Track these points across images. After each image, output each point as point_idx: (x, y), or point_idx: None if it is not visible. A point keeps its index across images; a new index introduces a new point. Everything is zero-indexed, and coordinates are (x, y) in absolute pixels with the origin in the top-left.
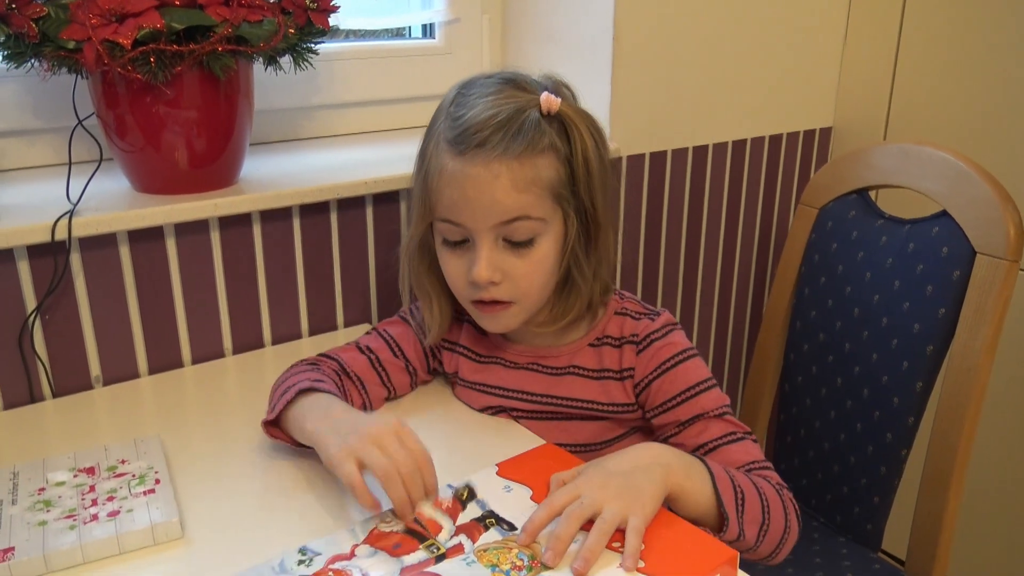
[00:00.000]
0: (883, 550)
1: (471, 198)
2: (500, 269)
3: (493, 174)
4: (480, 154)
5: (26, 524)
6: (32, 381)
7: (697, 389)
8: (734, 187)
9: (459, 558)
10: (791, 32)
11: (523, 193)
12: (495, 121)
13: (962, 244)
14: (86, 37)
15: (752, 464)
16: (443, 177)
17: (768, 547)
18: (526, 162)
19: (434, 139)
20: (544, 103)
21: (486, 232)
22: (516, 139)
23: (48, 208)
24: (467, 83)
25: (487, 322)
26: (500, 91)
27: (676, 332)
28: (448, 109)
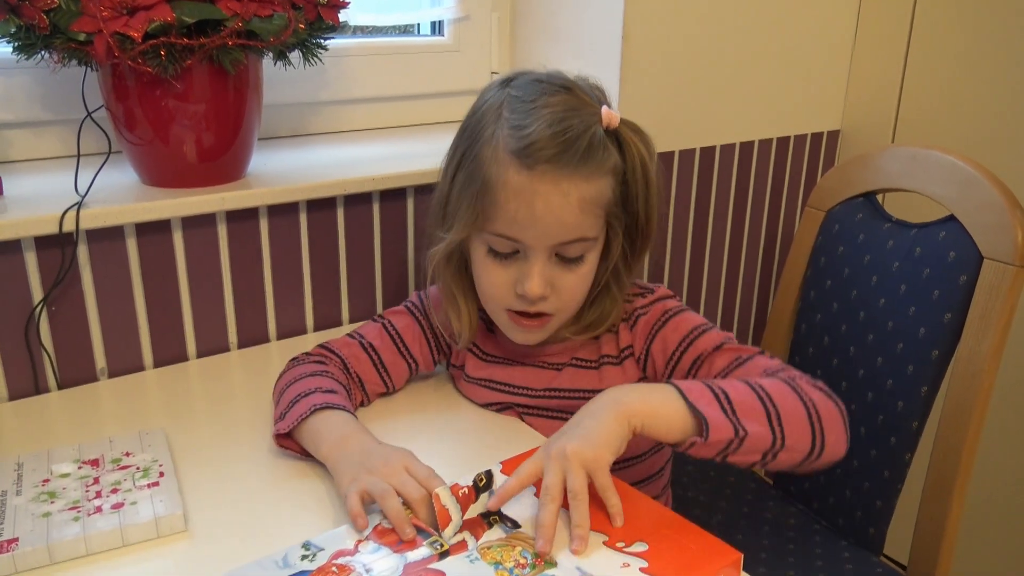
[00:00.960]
0: (885, 554)
1: (538, 216)
2: (550, 283)
3: (563, 192)
4: (551, 171)
5: (30, 515)
6: (37, 372)
7: (692, 336)
8: (741, 189)
9: (463, 555)
10: (800, 34)
11: (587, 214)
12: (565, 137)
13: (969, 249)
14: (97, 29)
15: (765, 373)
16: (507, 190)
17: (799, 438)
18: (593, 183)
19: (488, 146)
20: (606, 118)
21: (543, 249)
22: (586, 160)
23: (56, 200)
24: (516, 84)
25: (521, 335)
26: (561, 100)
27: (665, 300)
28: (504, 115)
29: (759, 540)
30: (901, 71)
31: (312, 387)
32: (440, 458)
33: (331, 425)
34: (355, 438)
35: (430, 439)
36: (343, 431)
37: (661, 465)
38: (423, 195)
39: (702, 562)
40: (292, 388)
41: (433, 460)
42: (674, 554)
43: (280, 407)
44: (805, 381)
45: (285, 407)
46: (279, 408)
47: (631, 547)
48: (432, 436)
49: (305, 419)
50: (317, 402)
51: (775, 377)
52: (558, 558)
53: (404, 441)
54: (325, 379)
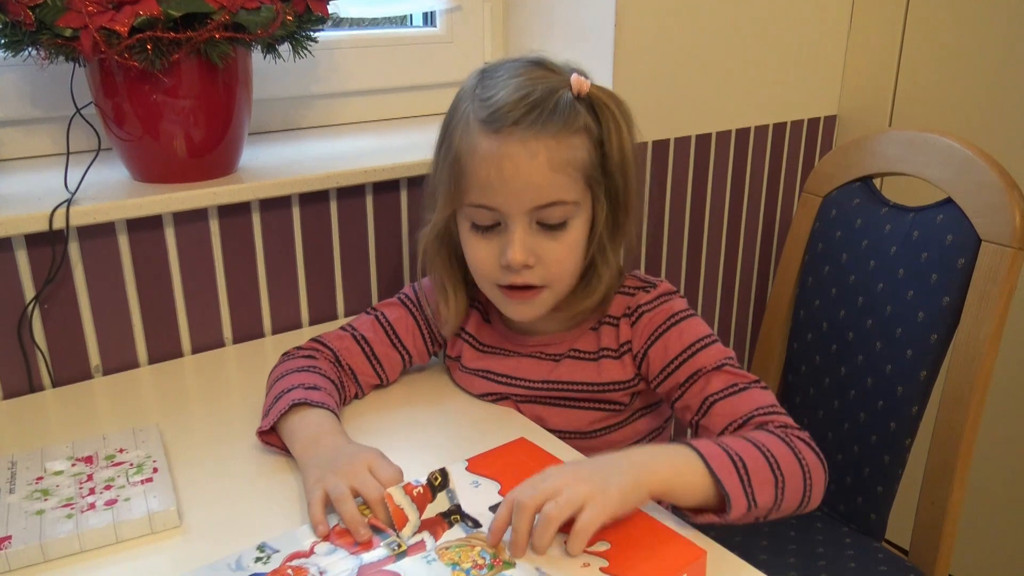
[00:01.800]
0: (887, 540)
1: (508, 178)
2: (534, 252)
3: (531, 152)
4: (516, 131)
5: (23, 513)
6: (31, 370)
7: (694, 348)
8: (738, 175)
9: (420, 556)
10: (795, 19)
11: (559, 174)
12: (530, 99)
13: (967, 232)
14: (83, 25)
15: (756, 411)
16: (476, 157)
17: (792, 501)
18: (562, 141)
19: (461, 123)
20: (575, 84)
21: (520, 215)
22: (552, 117)
23: (46, 197)
24: (489, 67)
25: (515, 309)
26: (529, 72)
27: (672, 300)
28: (474, 92)
29: (760, 527)
30: (897, 55)
31: (295, 383)
32: (434, 449)
33: (306, 424)
34: (327, 438)
35: (425, 430)
36: (316, 431)
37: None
38: (416, 187)
39: (665, 561)
40: (278, 384)
41: (426, 451)
42: (636, 553)
43: (266, 404)
44: (797, 438)
45: (269, 403)
46: (265, 404)
47: (592, 546)
48: (426, 427)
49: (284, 415)
50: (296, 398)
51: (775, 436)
52: (516, 559)
53: (397, 432)
54: (310, 375)
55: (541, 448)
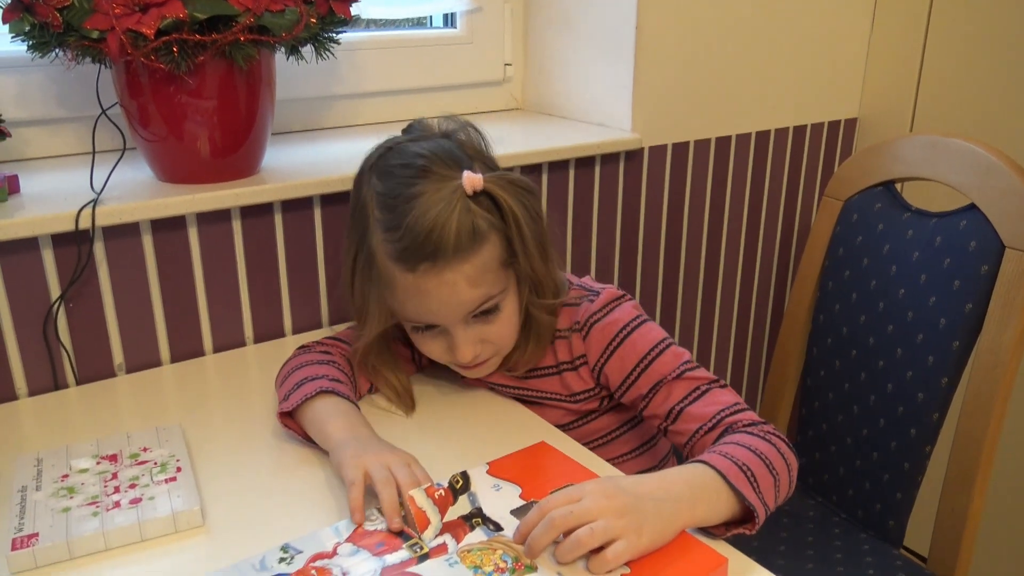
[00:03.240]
0: (905, 547)
1: (435, 309)
2: (479, 341)
3: (449, 284)
4: (432, 268)
5: (50, 510)
6: (56, 368)
7: (649, 357)
8: (757, 179)
9: (442, 558)
10: (817, 21)
11: (479, 286)
12: (435, 233)
13: (990, 238)
14: (110, 27)
15: (723, 411)
16: (399, 293)
17: (783, 496)
18: (474, 258)
19: (373, 241)
20: (468, 184)
21: (457, 322)
22: (460, 243)
23: (72, 197)
24: (379, 170)
25: (469, 374)
26: (423, 188)
27: (618, 308)
28: (376, 215)
29: (778, 532)
30: (919, 58)
31: (320, 373)
32: (455, 453)
33: (339, 411)
34: (363, 429)
35: (445, 433)
36: (352, 420)
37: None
38: None
39: (687, 568)
40: (298, 372)
41: (447, 455)
42: (658, 560)
43: (285, 388)
44: (773, 434)
45: (290, 388)
46: (283, 389)
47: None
48: (446, 430)
49: (310, 400)
50: (325, 387)
51: (755, 436)
52: (538, 562)
53: (417, 436)
54: (332, 368)
55: (562, 452)
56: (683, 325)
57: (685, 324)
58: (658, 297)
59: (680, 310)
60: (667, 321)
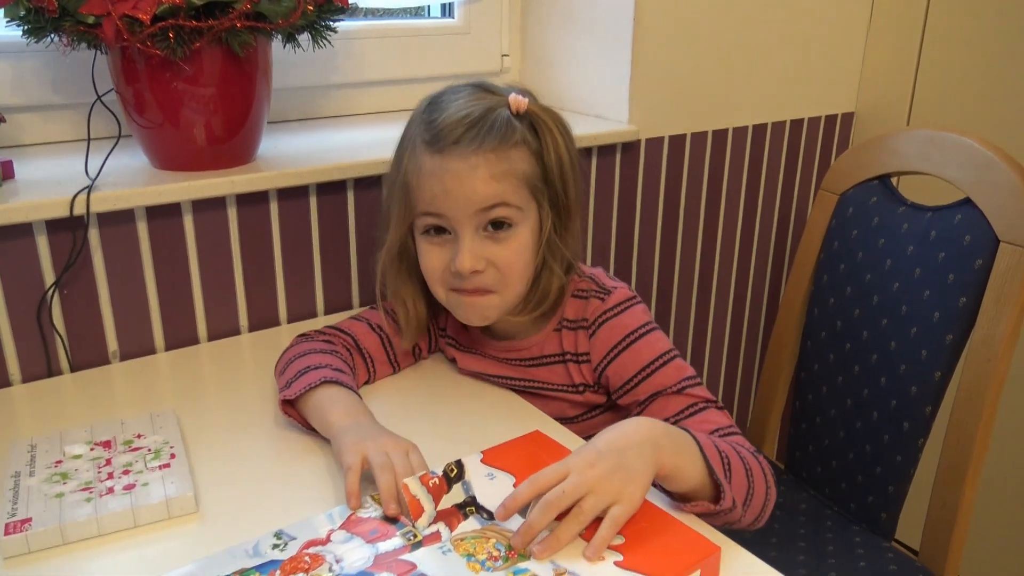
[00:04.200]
0: (897, 540)
1: (451, 189)
2: (483, 257)
3: (471, 166)
4: (457, 150)
5: (43, 496)
6: (50, 355)
7: (652, 367)
8: (754, 172)
9: (435, 546)
10: (815, 15)
11: (500, 182)
12: (468, 119)
13: (985, 232)
14: (105, 12)
15: (715, 432)
16: (422, 175)
17: (752, 514)
18: (501, 155)
19: (409, 147)
20: (513, 103)
21: (467, 221)
22: (490, 134)
23: (67, 183)
24: (436, 94)
25: (466, 311)
26: (470, 94)
27: (628, 311)
28: (421, 116)
29: (770, 524)
30: (917, 52)
31: (323, 362)
32: (449, 441)
33: (341, 399)
34: (365, 417)
35: (439, 422)
36: (355, 408)
37: None
38: None
39: (680, 556)
40: (300, 360)
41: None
42: (651, 548)
43: (286, 376)
44: (765, 459)
45: (292, 376)
46: (285, 377)
47: None
48: (441, 419)
49: (314, 389)
50: (328, 376)
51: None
52: (531, 550)
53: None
54: (334, 358)
55: (556, 441)
56: (678, 318)
57: (680, 317)
58: (653, 289)
59: (675, 302)
60: (662, 313)
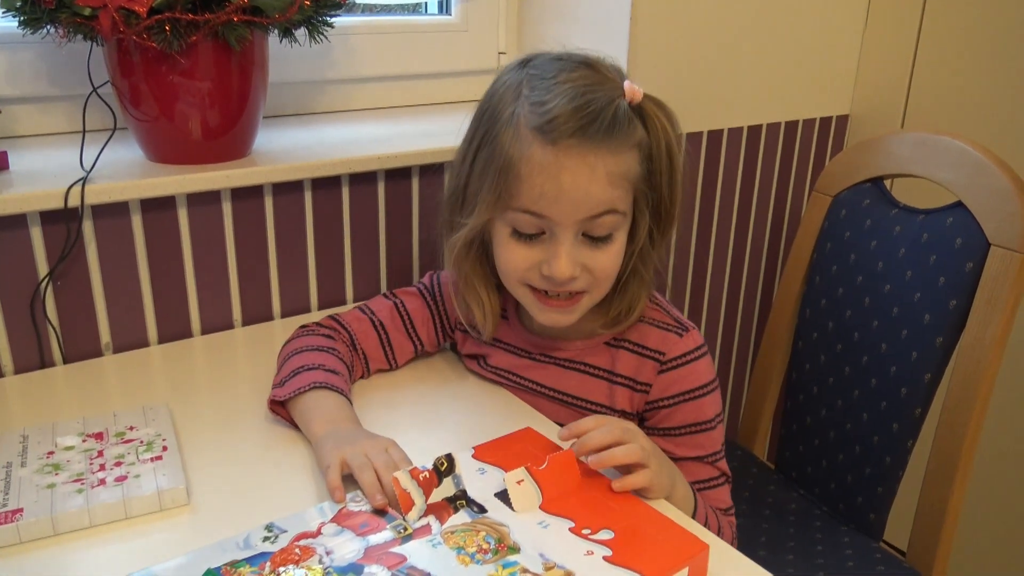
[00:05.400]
0: (885, 540)
1: (566, 190)
2: (579, 263)
3: (590, 167)
4: (576, 145)
5: (35, 486)
6: (43, 346)
7: (702, 427)
8: (748, 172)
9: (425, 539)
10: (810, 18)
11: (615, 187)
12: (588, 110)
13: (977, 236)
14: (102, 4)
15: (718, 510)
16: (531, 165)
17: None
18: (620, 156)
19: (509, 126)
20: (629, 93)
21: (570, 226)
22: (612, 132)
23: (61, 175)
24: (534, 63)
25: (550, 316)
26: (581, 76)
27: (702, 360)
28: (523, 93)
29: (759, 524)
30: (912, 56)
31: (317, 362)
32: (440, 436)
33: (326, 405)
34: (345, 424)
35: (431, 417)
36: (336, 414)
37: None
38: (428, 175)
39: (668, 553)
40: (297, 357)
41: (433, 438)
42: (640, 544)
43: (281, 373)
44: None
45: (286, 375)
46: (280, 374)
47: (596, 534)
48: (433, 414)
49: (303, 393)
50: (318, 380)
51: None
52: (521, 544)
53: (404, 419)
54: (330, 356)
55: (547, 438)
56: None
57: None
58: None
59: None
60: None
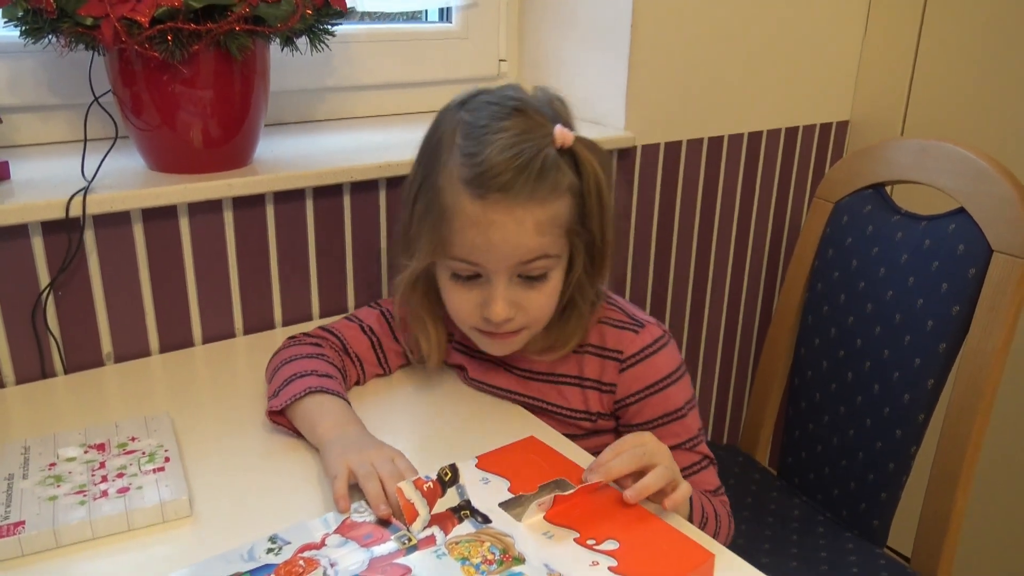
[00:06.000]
0: (889, 546)
1: (495, 244)
2: (515, 304)
3: (517, 220)
4: (503, 200)
5: (36, 499)
6: (44, 357)
7: (674, 416)
8: (748, 179)
9: (430, 550)
10: (810, 24)
11: (544, 235)
12: (516, 164)
13: (979, 242)
14: (104, 14)
15: (706, 492)
16: (462, 220)
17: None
18: (548, 205)
19: (443, 173)
20: (559, 137)
21: (503, 271)
22: (539, 184)
23: (63, 185)
24: (468, 106)
25: (493, 347)
26: (512, 125)
27: (662, 351)
28: (457, 141)
29: (763, 531)
30: (912, 62)
31: (308, 369)
32: (444, 446)
33: (327, 408)
34: (352, 426)
35: (434, 427)
36: (341, 417)
37: None
38: None
39: (673, 563)
40: (288, 367)
41: (436, 448)
42: (645, 554)
43: (274, 384)
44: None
45: (279, 384)
46: (273, 385)
47: (601, 545)
48: (435, 424)
49: (300, 399)
50: (313, 385)
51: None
52: (526, 555)
53: (407, 429)
54: (321, 362)
55: (550, 447)
56: (672, 324)
57: (674, 323)
58: (648, 295)
59: (670, 309)
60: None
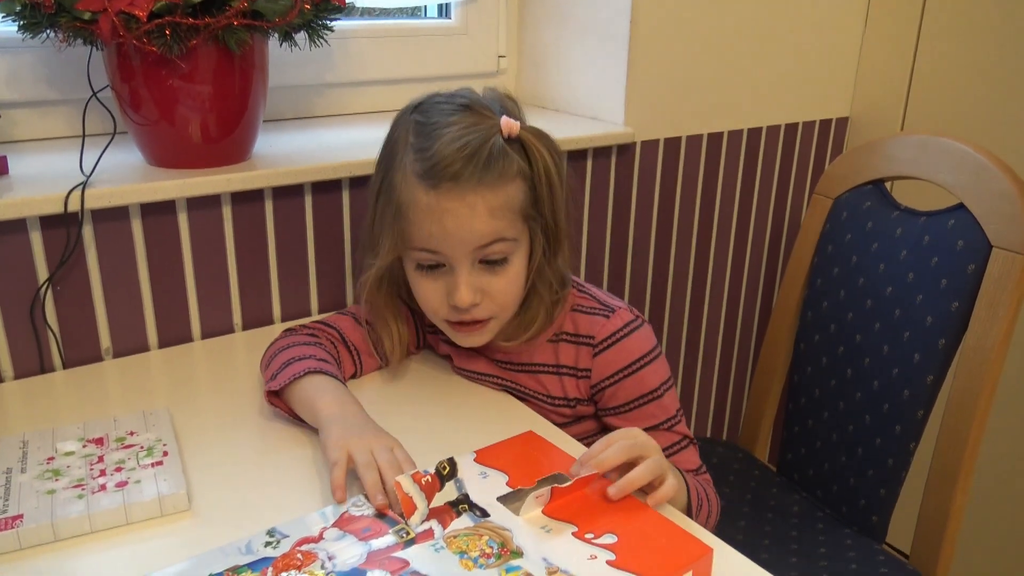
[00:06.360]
0: (888, 543)
1: (450, 230)
2: (479, 290)
3: (469, 206)
4: (455, 188)
5: (35, 492)
6: (43, 352)
7: (649, 397)
8: (748, 175)
9: (428, 544)
10: (810, 20)
11: (497, 219)
12: (464, 153)
13: (978, 238)
14: (102, 8)
15: (685, 473)
16: (418, 211)
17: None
18: (498, 190)
19: (399, 171)
20: (505, 127)
21: (464, 257)
22: (488, 170)
23: (61, 180)
24: (421, 108)
25: (463, 339)
26: (461, 119)
27: (634, 334)
28: (410, 140)
29: (762, 527)
30: (911, 58)
31: (307, 354)
32: (442, 441)
33: (326, 388)
34: (353, 405)
35: (432, 421)
36: (342, 395)
37: None
38: None
39: (672, 557)
40: (284, 353)
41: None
42: (643, 547)
43: (272, 368)
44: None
45: (277, 368)
46: (271, 369)
47: (600, 539)
48: (434, 418)
49: (299, 379)
50: (312, 366)
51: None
52: (524, 548)
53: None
54: (318, 349)
55: (549, 441)
56: (672, 320)
57: (674, 319)
58: (647, 291)
59: (669, 305)
60: (656, 316)
